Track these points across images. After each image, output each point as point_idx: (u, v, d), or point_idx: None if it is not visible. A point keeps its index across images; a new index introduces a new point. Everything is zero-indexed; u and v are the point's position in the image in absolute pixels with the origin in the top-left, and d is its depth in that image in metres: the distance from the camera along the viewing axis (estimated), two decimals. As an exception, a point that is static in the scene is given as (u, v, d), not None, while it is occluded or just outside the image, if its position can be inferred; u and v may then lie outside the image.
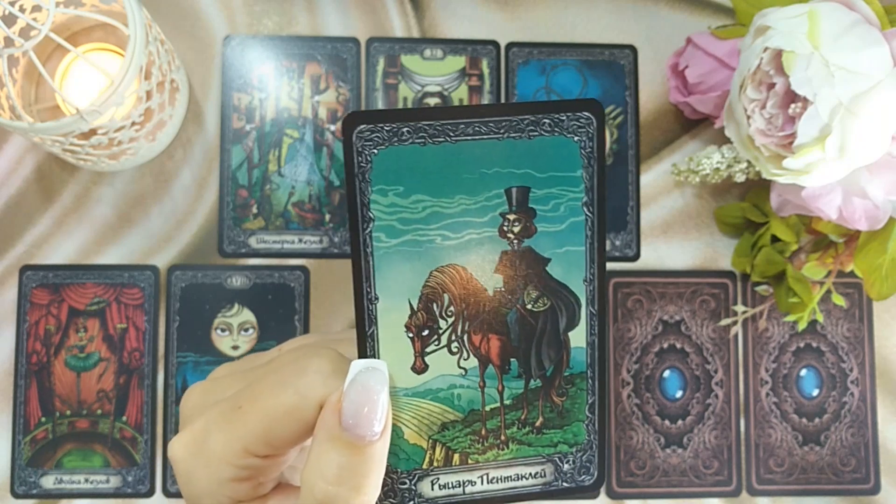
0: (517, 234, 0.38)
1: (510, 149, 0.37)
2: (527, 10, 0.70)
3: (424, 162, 0.37)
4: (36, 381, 0.65)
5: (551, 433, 0.40)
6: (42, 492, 0.65)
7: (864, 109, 0.49)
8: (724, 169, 0.62)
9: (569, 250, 0.38)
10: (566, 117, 0.37)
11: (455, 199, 0.37)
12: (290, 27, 0.69)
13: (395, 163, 0.36)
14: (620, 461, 0.67)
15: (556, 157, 0.37)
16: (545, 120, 0.37)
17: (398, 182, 0.36)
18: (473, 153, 0.37)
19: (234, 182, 0.67)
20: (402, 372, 0.37)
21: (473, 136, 0.37)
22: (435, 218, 0.37)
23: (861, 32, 0.50)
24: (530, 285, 0.38)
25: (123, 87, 0.55)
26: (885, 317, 0.70)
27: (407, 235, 0.37)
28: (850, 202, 0.55)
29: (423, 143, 0.36)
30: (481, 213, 0.37)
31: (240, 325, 0.66)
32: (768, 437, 0.68)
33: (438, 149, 0.36)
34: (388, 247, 0.37)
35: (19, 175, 0.67)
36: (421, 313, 0.37)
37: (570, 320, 0.39)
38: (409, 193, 0.37)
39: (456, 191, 0.37)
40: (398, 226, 0.37)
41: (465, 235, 0.37)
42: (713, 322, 0.69)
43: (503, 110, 0.36)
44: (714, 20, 0.70)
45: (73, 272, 0.66)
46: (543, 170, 0.37)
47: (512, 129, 0.37)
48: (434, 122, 0.36)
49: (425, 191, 0.37)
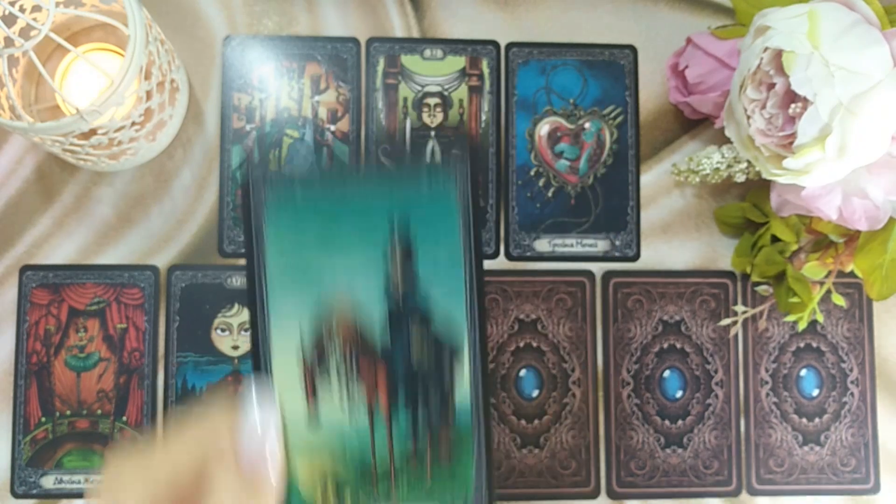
0: (400, 265, 0.40)
1: (390, 182, 0.40)
2: (527, 11, 0.70)
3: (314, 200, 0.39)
4: (36, 381, 0.65)
5: (441, 487, 0.40)
6: (42, 492, 0.65)
7: (864, 109, 0.49)
8: (724, 169, 0.62)
9: (449, 281, 0.40)
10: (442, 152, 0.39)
11: (343, 227, 0.40)
12: (290, 27, 0.69)
13: (285, 202, 0.39)
14: (620, 461, 0.67)
15: (433, 189, 0.40)
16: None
17: (289, 219, 0.39)
18: (357, 189, 0.40)
19: (234, 182, 0.67)
20: (300, 426, 0.39)
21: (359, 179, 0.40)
22: (323, 245, 0.39)
23: (861, 32, 0.50)
24: (415, 319, 0.40)
25: (123, 87, 0.55)
26: (885, 317, 0.70)
27: (294, 260, 0.39)
28: (850, 202, 0.55)
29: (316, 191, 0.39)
30: (367, 243, 0.40)
31: (240, 325, 0.66)
32: (768, 438, 0.68)
33: (330, 192, 0.40)
34: (279, 272, 0.39)
35: (19, 175, 0.67)
36: (313, 353, 0.39)
37: (454, 353, 0.40)
38: (298, 228, 0.39)
39: (344, 221, 0.40)
40: (285, 251, 0.39)
41: (352, 259, 0.40)
42: (713, 322, 0.69)
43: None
44: (714, 20, 0.70)
45: (73, 272, 0.66)
46: (420, 202, 0.40)
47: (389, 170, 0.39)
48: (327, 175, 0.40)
49: (314, 224, 0.39)
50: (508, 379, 0.67)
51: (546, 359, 0.68)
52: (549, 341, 0.68)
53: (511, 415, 0.67)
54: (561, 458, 0.67)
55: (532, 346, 0.68)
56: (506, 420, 0.67)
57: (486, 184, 0.68)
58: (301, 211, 0.39)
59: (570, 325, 0.68)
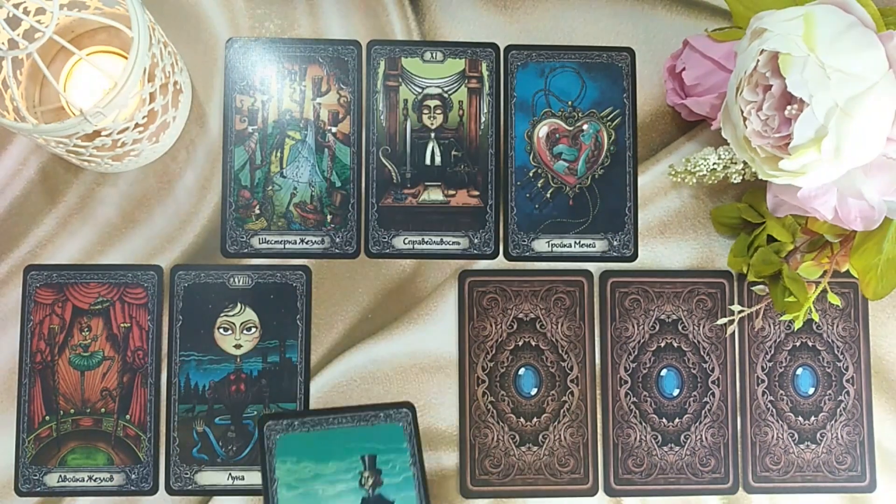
0: (371, 486, 0.61)
1: (361, 432, 0.61)
2: (526, 13, 0.71)
3: (308, 442, 0.61)
4: (40, 380, 0.66)
5: None
6: (46, 490, 0.66)
7: (860, 111, 0.49)
8: (720, 170, 0.63)
9: (406, 495, 0.62)
10: (393, 412, 0.62)
11: (329, 465, 0.61)
12: (291, 30, 0.69)
13: (290, 443, 0.61)
14: (618, 459, 0.68)
15: (390, 436, 0.62)
16: (380, 413, 0.62)
17: (292, 454, 0.61)
18: (339, 435, 0.61)
19: (236, 183, 0.68)
20: None
21: (338, 425, 0.62)
22: (316, 477, 0.61)
23: (857, 35, 0.51)
24: None
25: (127, 89, 0.55)
26: (881, 316, 0.70)
27: (299, 489, 0.60)
28: (846, 203, 0.56)
29: (308, 430, 0.62)
30: (346, 472, 0.61)
31: (242, 325, 0.67)
32: (764, 436, 0.69)
33: (316, 434, 0.61)
34: (287, 498, 0.60)
35: (24, 176, 0.67)
36: None
37: None
38: (299, 461, 0.61)
39: (329, 458, 0.61)
40: (293, 482, 0.61)
41: (338, 488, 0.61)
42: (710, 321, 0.69)
43: (352, 411, 0.63)
44: (711, 23, 0.71)
45: (77, 272, 0.67)
46: (384, 443, 0.62)
47: (361, 419, 0.62)
48: (313, 417, 0.62)
49: (309, 459, 0.61)
50: (507, 377, 0.68)
51: (544, 357, 0.68)
52: (548, 340, 0.68)
53: (510, 413, 0.68)
54: (559, 456, 0.68)
55: (531, 344, 0.68)
56: (504, 418, 0.68)
57: (485, 184, 0.69)
58: (300, 454, 0.61)
59: (568, 324, 0.68)
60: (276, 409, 0.66)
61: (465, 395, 0.67)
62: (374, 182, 0.68)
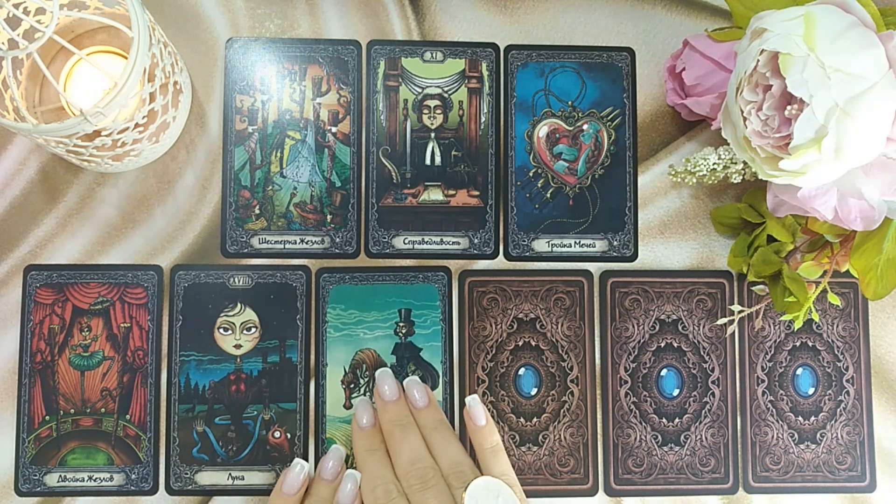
0: (404, 334, 0.68)
1: (401, 289, 0.68)
2: (526, 13, 0.71)
3: (356, 293, 0.68)
4: (40, 380, 0.66)
5: None
6: (46, 490, 0.66)
7: (860, 111, 0.49)
8: (720, 170, 0.63)
9: (432, 345, 0.68)
10: (431, 274, 0.68)
11: (371, 314, 0.68)
12: (291, 30, 0.69)
13: (341, 293, 0.68)
14: (618, 459, 0.68)
15: (426, 295, 0.68)
16: (419, 275, 0.68)
17: (342, 302, 0.68)
18: (382, 290, 0.68)
19: (236, 183, 0.68)
20: (337, 408, 0.67)
21: (382, 281, 0.68)
22: (359, 323, 0.68)
23: (857, 35, 0.51)
24: (411, 363, 0.68)
25: (127, 89, 0.55)
26: (881, 316, 0.70)
27: (344, 330, 0.68)
28: (846, 203, 0.56)
29: (356, 283, 0.68)
30: (384, 321, 0.68)
31: (242, 325, 0.67)
32: (764, 436, 0.69)
33: (364, 287, 0.68)
34: (334, 337, 0.68)
35: (24, 176, 0.67)
36: (349, 374, 0.68)
37: (433, 385, 0.68)
38: (347, 309, 0.68)
39: (371, 308, 0.68)
40: (340, 325, 0.68)
41: (376, 333, 0.68)
42: (710, 321, 0.69)
43: (395, 271, 0.68)
44: (711, 23, 0.71)
45: (77, 272, 0.67)
46: (420, 300, 0.68)
47: (402, 279, 0.68)
48: (361, 273, 0.68)
49: (355, 308, 0.68)
50: (507, 377, 0.68)
51: (545, 357, 0.68)
52: (548, 340, 0.68)
53: (510, 413, 0.68)
54: (559, 456, 0.68)
55: (531, 344, 0.68)
56: (504, 418, 0.68)
57: (485, 184, 0.69)
58: (348, 302, 0.68)
59: (568, 323, 0.68)
60: (275, 409, 0.66)
61: (466, 396, 0.67)
62: (374, 182, 0.69)
